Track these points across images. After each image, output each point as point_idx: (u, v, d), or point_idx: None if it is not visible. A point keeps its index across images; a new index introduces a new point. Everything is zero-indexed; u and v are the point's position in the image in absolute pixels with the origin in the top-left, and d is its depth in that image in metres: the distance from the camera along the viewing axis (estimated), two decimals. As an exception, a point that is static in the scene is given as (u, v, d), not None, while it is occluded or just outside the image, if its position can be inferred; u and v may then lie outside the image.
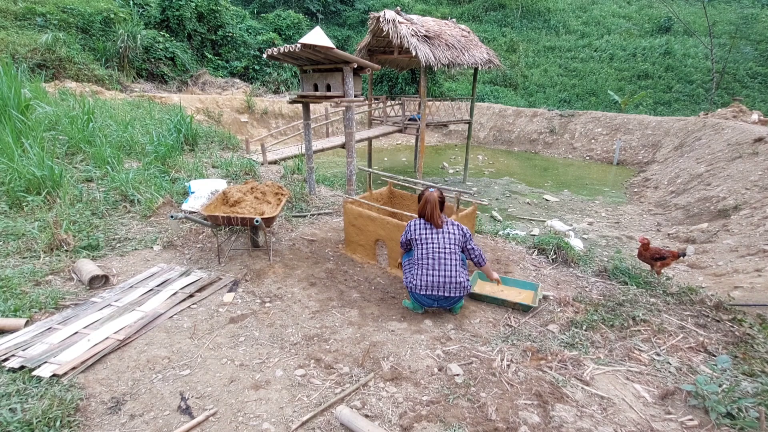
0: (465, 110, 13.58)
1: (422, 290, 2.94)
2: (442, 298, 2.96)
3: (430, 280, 2.92)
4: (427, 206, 3.00)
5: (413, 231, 3.05)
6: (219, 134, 8.53)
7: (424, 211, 3.02)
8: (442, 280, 2.90)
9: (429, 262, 2.93)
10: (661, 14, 24.78)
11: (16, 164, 4.23)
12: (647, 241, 3.68)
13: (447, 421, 2.05)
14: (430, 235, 2.98)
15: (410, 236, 3.06)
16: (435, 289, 2.92)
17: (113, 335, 2.58)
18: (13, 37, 11.15)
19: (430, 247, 2.96)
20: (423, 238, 2.98)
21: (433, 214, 3.00)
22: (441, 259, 2.92)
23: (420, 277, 2.94)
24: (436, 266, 2.92)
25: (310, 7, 24.39)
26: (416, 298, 3.04)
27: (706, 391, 2.18)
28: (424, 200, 3.02)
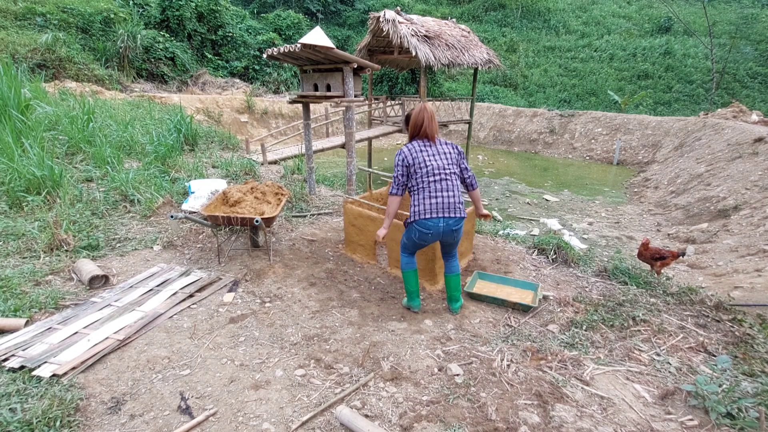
0: (465, 110, 13.58)
1: (428, 214, 2.73)
2: (451, 219, 2.77)
3: (435, 202, 2.74)
4: (424, 118, 2.76)
5: (411, 155, 2.77)
6: (219, 134, 8.53)
7: (421, 126, 2.78)
8: (448, 201, 2.75)
9: (432, 184, 2.75)
10: (661, 14, 24.78)
11: (16, 164, 4.23)
12: (648, 240, 3.68)
13: (447, 421, 2.05)
14: (429, 156, 2.77)
15: (409, 162, 2.78)
16: (442, 211, 2.73)
17: (113, 335, 2.58)
18: (13, 37, 11.15)
19: (431, 168, 2.75)
20: (422, 160, 2.76)
21: (432, 126, 2.77)
22: (444, 180, 2.76)
23: (424, 201, 2.74)
24: (440, 187, 2.75)
25: (310, 7, 24.39)
26: (419, 231, 2.80)
27: (706, 391, 2.18)
28: (420, 112, 2.78)
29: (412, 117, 2.83)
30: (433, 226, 2.77)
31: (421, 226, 2.79)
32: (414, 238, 2.88)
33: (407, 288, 3.09)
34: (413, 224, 2.83)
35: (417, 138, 2.83)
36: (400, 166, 2.80)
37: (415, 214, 2.79)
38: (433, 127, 2.79)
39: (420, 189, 2.78)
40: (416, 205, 2.79)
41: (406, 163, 2.78)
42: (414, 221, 2.82)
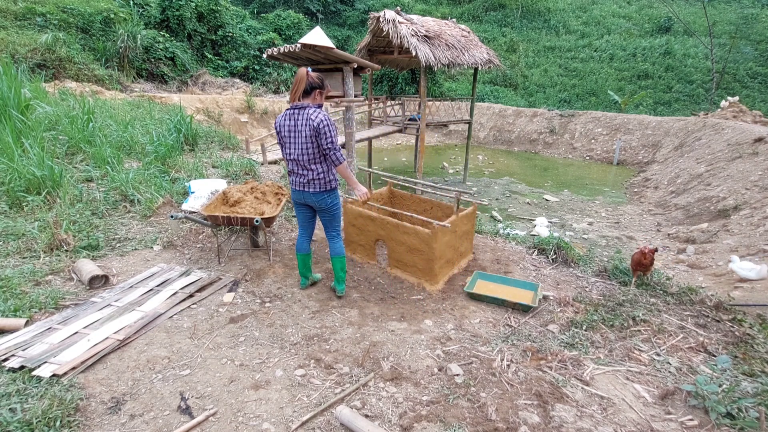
0: (465, 110, 13.57)
1: (294, 186, 2.93)
2: (303, 192, 2.92)
3: (294, 179, 2.91)
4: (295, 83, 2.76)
5: (277, 124, 2.84)
6: (219, 134, 8.53)
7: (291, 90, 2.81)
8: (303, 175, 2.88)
9: (288, 153, 2.86)
10: (661, 14, 24.77)
11: (16, 164, 4.23)
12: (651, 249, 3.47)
13: (447, 421, 2.05)
14: (289, 125, 2.80)
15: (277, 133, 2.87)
16: (297, 184, 2.92)
17: (113, 335, 2.58)
18: (13, 37, 11.14)
19: (287, 138, 2.82)
20: (283, 128, 2.82)
21: (297, 89, 2.75)
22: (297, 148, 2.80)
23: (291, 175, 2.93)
24: (294, 156, 2.84)
25: (310, 7, 24.38)
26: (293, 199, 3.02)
27: (706, 391, 2.18)
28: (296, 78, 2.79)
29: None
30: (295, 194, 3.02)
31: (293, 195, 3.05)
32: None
33: (299, 264, 3.31)
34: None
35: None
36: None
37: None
38: (296, 90, 2.77)
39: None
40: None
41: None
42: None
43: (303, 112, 2.73)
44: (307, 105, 2.74)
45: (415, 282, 3.61)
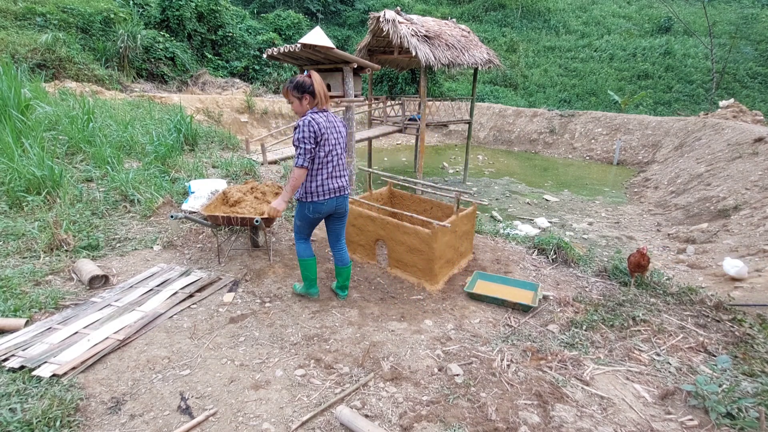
0: (465, 110, 13.57)
1: (327, 195, 2.79)
2: (342, 197, 2.91)
3: (335, 183, 2.81)
4: (316, 85, 2.64)
5: (321, 127, 2.63)
6: (219, 134, 8.52)
7: (318, 95, 2.65)
8: (342, 179, 2.88)
9: (334, 159, 2.77)
10: (661, 14, 24.77)
11: (16, 164, 4.23)
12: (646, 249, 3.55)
13: (447, 421, 2.05)
14: (332, 127, 2.72)
15: (320, 136, 2.64)
16: (337, 190, 2.84)
17: (113, 335, 2.58)
18: (13, 37, 11.14)
19: (333, 141, 2.73)
20: (329, 132, 2.70)
21: (326, 94, 2.69)
22: (342, 156, 2.85)
23: (323, 179, 2.75)
24: (341, 162, 2.82)
25: (310, 7, 24.38)
26: (315, 211, 2.81)
27: (706, 391, 2.19)
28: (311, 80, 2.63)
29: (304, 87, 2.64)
30: (325, 209, 2.86)
31: (315, 209, 2.83)
32: (309, 215, 2.87)
33: (306, 274, 3.12)
34: (308, 204, 2.80)
35: (316, 107, 2.72)
36: (307, 138, 2.60)
37: (313, 193, 2.76)
38: (326, 94, 2.73)
39: (323, 165, 2.73)
40: (314, 183, 2.76)
41: (320, 137, 2.65)
42: (309, 202, 2.79)
43: (331, 115, 2.79)
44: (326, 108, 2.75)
45: (415, 282, 3.61)
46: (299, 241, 3.05)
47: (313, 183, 2.75)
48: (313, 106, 2.70)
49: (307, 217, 2.88)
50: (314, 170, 2.72)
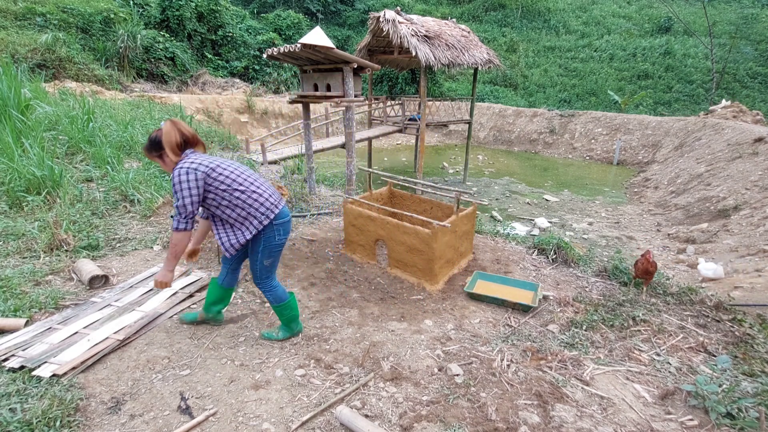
0: (465, 110, 13.57)
1: (279, 203, 2.34)
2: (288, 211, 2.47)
3: (276, 194, 2.37)
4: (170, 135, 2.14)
5: (205, 163, 2.16)
6: (219, 134, 8.53)
7: (175, 143, 2.15)
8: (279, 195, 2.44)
9: (252, 176, 2.32)
10: (661, 14, 24.78)
11: (16, 164, 4.23)
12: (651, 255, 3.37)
13: (447, 421, 2.05)
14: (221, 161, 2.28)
15: (211, 170, 2.16)
16: (280, 201, 2.38)
17: (113, 335, 2.58)
18: (13, 37, 11.14)
19: (234, 166, 2.29)
20: (220, 162, 2.25)
21: (193, 135, 2.25)
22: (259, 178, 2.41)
23: (260, 193, 2.27)
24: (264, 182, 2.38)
25: (310, 7, 24.38)
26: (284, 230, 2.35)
27: (706, 391, 2.18)
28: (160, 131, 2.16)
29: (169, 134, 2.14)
30: (288, 211, 2.41)
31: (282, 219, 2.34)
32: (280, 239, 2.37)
33: (291, 314, 2.62)
34: (270, 226, 2.30)
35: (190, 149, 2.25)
36: (194, 187, 2.10)
37: (264, 214, 2.26)
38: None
39: (250, 190, 2.24)
40: (261, 204, 2.26)
41: (218, 175, 2.17)
42: (271, 222, 2.29)
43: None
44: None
45: (415, 282, 3.61)
46: (274, 286, 2.49)
47: (254, 204, 2.24)
48: (180, 155, 2.19)
49: (279, 245, 2.38)
50: (242, 196, 2.22)
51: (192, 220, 2.17)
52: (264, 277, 2.45)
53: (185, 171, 2.09)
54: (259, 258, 2.37)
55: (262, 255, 2.36)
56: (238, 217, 2.25)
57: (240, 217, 2.26)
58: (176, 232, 2.16)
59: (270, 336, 2.67)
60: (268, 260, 2.39)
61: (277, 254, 2.42)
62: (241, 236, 2.28)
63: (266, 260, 2.39)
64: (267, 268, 2.42)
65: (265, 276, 2.45)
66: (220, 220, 2.30)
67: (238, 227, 2.28)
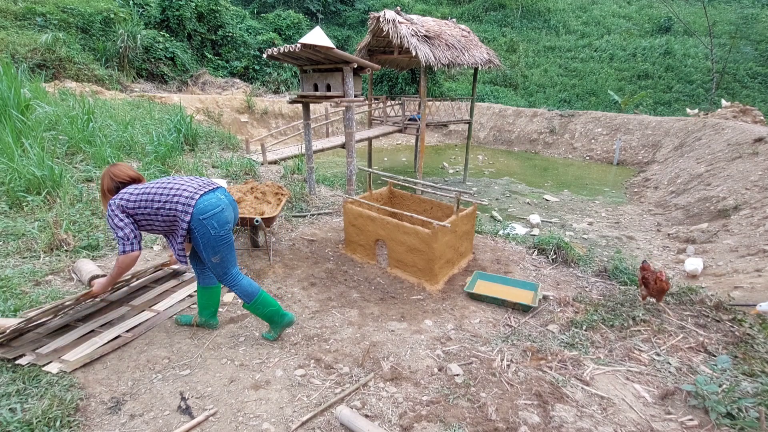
0: (465, 110, 13.57)
1: (204, 189, 2.32)
2: (225, 194, 2.46)
3: (197, 181, 2.38)
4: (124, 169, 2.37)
5: (128, 190, 2.28)
6: (219, 134, 8.53)
7: (128, 176, 2.37)
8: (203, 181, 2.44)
9: (176, 181, 2.34)
10: (661, 14, 24.78)
11: (16, 164, 4.23)
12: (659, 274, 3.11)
13: (447, 421, 2.05)
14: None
15: (128, 194, 2.26)
16: (208, 184, 2.41)
17: (125, 334, 2.60)
18: (13, 37, 11.14)
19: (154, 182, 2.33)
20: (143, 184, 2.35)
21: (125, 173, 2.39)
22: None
23: (180, 185, 2.30)
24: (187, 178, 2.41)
25: (310, 7, 24.39)
26: (219, 220, 2.29)
27: (706, 391, 2.18)
28: (112, 170, 2.36)
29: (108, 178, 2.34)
30: (217, 201, 2.31)
31: (206, 213, 2.25)
32: (217, 229, 2.30)
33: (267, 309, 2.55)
34: (199, 221, 2.24)
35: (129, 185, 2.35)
36: (122, 215, 2.21)
37: (183, 210, 2.22)
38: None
39: (158, 199, 2.24)
40: (173, 209, 2.23)
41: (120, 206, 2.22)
42: (201, 219, 2.23)
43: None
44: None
45: (415, 282, 3.61)
46: (239, 279, 2.45)
47: (175, 206, 2.22)
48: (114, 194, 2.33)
49: (219, 237, 2.30)
50: (160, 201, 2.23)
51: (137, 242, 2.24)
52: (221, 274, 2.41)
53: (110, 212, 2.22)
54: (205, 256, 2.34)
55: (205, 252, 2.32)
56: (171, 224, 2.28)
57: (172, 224, 2.29)
58: (123, 255, 2.24)
59: (268, 336, 2.68)
60: (215, 256, 2.34)
61: (222, 248, 2.34)
62: (176, 242, 2.32)
63: (213, 257, 2.33)
64: (218, 264, 2.37)
65: (221, 272, 2.41)
66: (167, 235, 2.36)
67: (173, 232, 2.32)
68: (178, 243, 2.33)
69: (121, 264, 2.26)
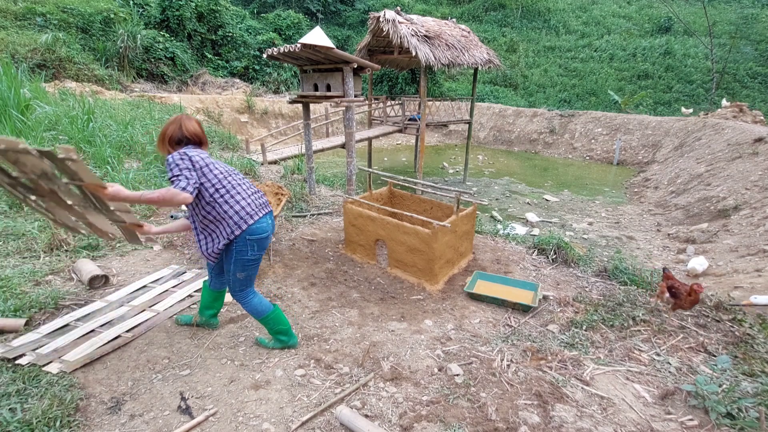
0: (465, 110, 13.57)
1: (260, 211, 2.28)
2: (271, 216, 2.40)
3: (260, 198, 2.33)
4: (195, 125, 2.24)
5: (198, 156, 2.12)
6: (219, 134, 8.53)
7: (197, 134, 2.23)
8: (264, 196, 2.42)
9: (238, 177, 2.30)
10: (661, 14, 24.77)
11: (16, 164, 4.22)
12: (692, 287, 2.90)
13: (447, 421, 2.05)
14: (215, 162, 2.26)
15: (209, 168, 2.14)
16: (265, 205, 2.35)
17: (125, 334, 2.60)
18: (13, 37, 11.14)
19: (228, 169, 2.28)
20: (218, 162, 2.27)
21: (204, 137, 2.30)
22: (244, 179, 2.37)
23: (242, 197, 2.22)
24: (247, 182, 2.35)
25: (310, 7, 24.38)
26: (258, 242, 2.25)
27: (706, 391, 2.18)
28: (184, 121, 2.22)
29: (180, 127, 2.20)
30: (267, 226, 2.30)
31: (257, 235, 2.24)
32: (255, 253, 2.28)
33: (278, 327, 2.53)
34: (243, 239, 2.20)
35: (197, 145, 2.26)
36: (187, 168, 2.04)
37: (236, 223, 2.17)
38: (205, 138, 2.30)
39: (234, 190, 2.21)
40: (240, 208, 2.19)
41: (202, 164, 2.12)
42: (243, 233, 2.19)
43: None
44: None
45: (415, 282, 3.61)
46: (251, 297, 2.40)
47: (230, 210, 2.17)
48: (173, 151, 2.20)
49: (253, 260, 2.29)
50: (225, 195, 2.17)
51: (194, 189, 2.01)
52: (237, 289, 2.36)
53: (179, 155, 2.06)
54: (232, 270, 2.28)
55: (234, 267, 2.27)
56: (210, 221, 2.19)
57: (211, 222, 2.19)
58: (178, 189, 1.94)
59: (263, 342, 2.61)
60: (241, 273, 2.30)
61: (250, 268, 2.31)
62: (213, 244, 2.22)
63: (239, 273, 2.29)
64: (241, 281, 2.32)
65: (238, 288, 2.35)
66: (201, 223, 2.23)
67: (211, 231, 2.22)
68: (216, 245, 2.21)
69: (168, 195, 1.91)
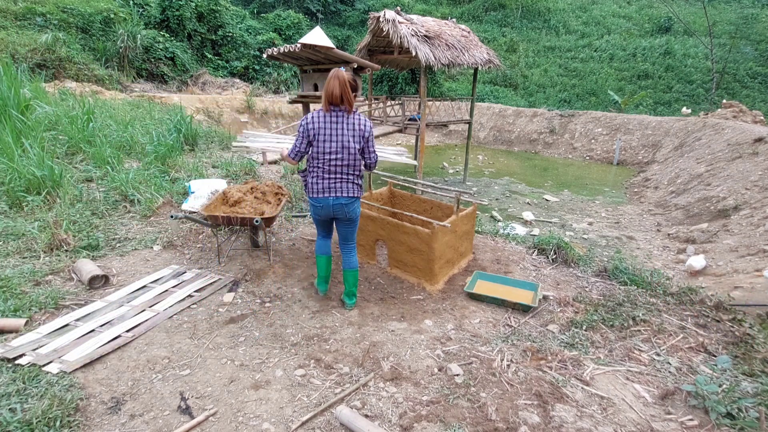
0: (465, 110, 13.57)
1: (318, 194, 2.80)
2: (338, 203, 2.81)
3: (325, 183, 2.77)
4: (336, 84, 2.59)
5: (314, 122, 2.67)
6: (219, 134, 8.52)
7: (332, 92, 2.59)
8: (339, 182, 2.79)
9: (330, 160, 2.72)
10: (661, 14, 24.77)
11: (16, 164, 4.22)
12: None
13: (447, 421, 2.05)
14: (333, 127, 2.68)
15: (311, 130, 2.68)
16: (327, 190, 2.78)
17: (125, 333, 2.60)
18: (13, 37, 11.13)
19: (327, 137, 2.68)
20: (325, 129, 2.68)
21: (345, 93, 2.62)
22: (342, 159, 2.73)
23: (315, 178, 2.79)
24: (338, 165, 2.74)
25: (310, 7, 24.38)
26: (313, 206, 2.87)
27: (706, 391, 2.19)
28: (332, 79, 2.60)
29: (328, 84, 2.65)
30: (324, 201, 2.82)
31: (315, 202, 2.86)
32: (312, 213, 2.98)
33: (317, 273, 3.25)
34: (310, 198, 2.88)
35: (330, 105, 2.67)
36: (301, 134, 2.72)
37: (310, 191, 2.84)
38: (347, 94, 2.63)
39: (316, 166, 2.76)
40: (312, 182, 2.80)
41: (310, 133, 2.69)
42: (309, 198, 2.89)
43: (349, 116, 2.70)
44: (346, 109, 2.68)
45: (415, 282, 3.61)
46: (317, 237, 3.17)
47: (308, 179, 2.84)
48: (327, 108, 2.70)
49: (313, 214, 2.96)
50: (309, 167, 2.82)
51: (299, 156, 2.79)
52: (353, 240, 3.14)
53: (304, 119, 2.71)
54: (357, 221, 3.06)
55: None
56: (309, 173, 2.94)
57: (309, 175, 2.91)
58: (288, 153, 2.84)
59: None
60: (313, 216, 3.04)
61: (314, 219, 3.04)
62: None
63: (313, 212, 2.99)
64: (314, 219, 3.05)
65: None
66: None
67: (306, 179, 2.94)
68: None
69: (287, 156, 2.85)
